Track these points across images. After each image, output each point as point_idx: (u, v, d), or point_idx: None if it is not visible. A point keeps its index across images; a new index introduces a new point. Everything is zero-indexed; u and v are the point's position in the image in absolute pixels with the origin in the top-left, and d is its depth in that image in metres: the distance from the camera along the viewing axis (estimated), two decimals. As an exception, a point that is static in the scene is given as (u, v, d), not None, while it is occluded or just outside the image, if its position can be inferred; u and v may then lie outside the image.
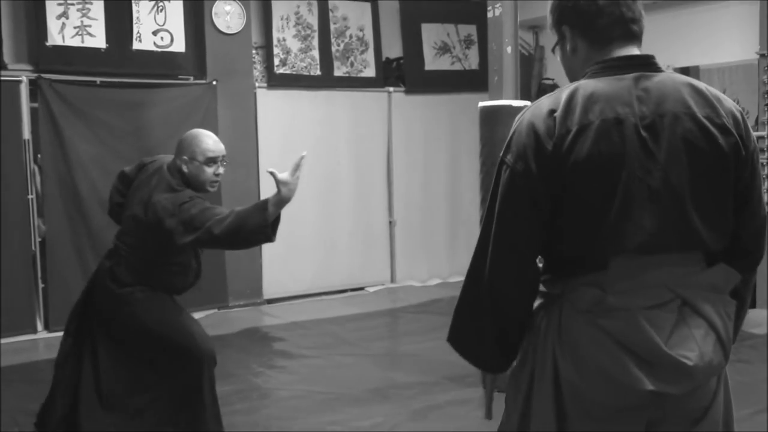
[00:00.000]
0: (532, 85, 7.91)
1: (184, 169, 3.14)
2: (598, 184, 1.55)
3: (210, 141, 3.17)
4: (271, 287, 6.87)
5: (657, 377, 1.53)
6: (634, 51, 1.67)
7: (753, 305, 6.13)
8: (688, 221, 1.58)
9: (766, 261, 1.82)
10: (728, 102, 1.65)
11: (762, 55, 5.94)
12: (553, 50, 1.79)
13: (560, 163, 1.55)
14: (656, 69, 1.65)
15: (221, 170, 3.20)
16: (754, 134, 1.66)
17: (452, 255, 7.68)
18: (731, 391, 1.74)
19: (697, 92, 1.61)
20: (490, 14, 4.35)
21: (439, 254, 7.76)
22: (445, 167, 7.79)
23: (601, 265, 1.58)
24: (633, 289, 1.57)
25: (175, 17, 6.34)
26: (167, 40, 6.31)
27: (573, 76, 1.73)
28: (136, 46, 6.16)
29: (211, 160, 3.15)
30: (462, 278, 1.74)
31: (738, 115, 1.64)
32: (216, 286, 6.44)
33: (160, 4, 6.27)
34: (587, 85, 1.61)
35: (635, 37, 1.68)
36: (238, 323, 6.13)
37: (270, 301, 6.84)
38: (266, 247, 6.61)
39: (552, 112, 1.58)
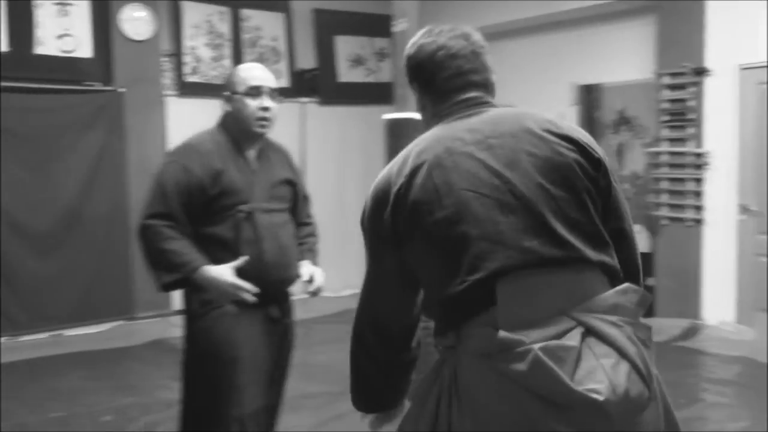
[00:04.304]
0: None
1: (228, 108, 2.71)
2: (442, 213, 1.51)
3: (255, 69, 2.73)
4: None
5: (568, 421, 1.36)
6: (471, 95, 1.67)
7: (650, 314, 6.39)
8: (553, 230, 1.49)
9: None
10: (566, 122, 1.64)
11: (658, 75, 6.22)
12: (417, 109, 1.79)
13: (402, 207, 1.58)
14: (490, 106, 1.67)
15: (269, 103, 2.67)
16: (653, 150, 1.62)
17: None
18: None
19: (533, 115, 1.62)
20: (395, 29, 4.41)
21: (355, 264, 7.73)
22: (359, 178, 7.83)
23: (488, 300, 1.45)
24: (527, 320, 1.42)
25: (80, 21, 6.18)
26: (72, 45, 6.14)
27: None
28: (39, 50, 5.98)
29: (255, 90, 2.65)
30: (356, 290, 1.81)
31: (578, 130, 1.63)
32: (121, 296, 6.29)
33: (65, 8, 6.11)
34: (422, 137, 1.66)
35: (477, 86, 1.68)
36: (144, 335, 6.01)
37: (180, 312, 6.69)
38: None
39: (392, 169, 1.64)
